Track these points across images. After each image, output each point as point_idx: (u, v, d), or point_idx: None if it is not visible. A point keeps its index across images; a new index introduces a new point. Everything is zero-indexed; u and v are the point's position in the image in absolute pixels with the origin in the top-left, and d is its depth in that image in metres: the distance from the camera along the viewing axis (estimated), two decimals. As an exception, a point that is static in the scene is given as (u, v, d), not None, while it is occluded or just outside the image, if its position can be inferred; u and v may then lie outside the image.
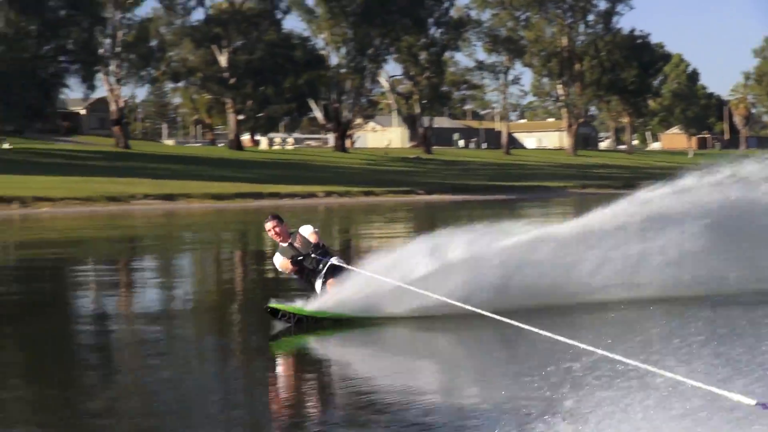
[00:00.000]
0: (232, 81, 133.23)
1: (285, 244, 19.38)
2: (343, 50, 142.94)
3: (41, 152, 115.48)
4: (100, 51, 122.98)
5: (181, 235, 53.95)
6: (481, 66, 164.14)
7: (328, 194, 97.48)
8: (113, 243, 48.98)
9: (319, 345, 18.29)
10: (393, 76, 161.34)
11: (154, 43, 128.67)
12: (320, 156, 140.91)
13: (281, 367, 16.49)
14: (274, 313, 18.93)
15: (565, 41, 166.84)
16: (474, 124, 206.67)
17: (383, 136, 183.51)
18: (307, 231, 19.52)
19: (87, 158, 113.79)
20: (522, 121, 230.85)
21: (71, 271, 33.88)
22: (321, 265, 19.20)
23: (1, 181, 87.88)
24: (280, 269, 19.54)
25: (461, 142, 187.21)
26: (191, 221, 67.19)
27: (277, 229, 19.32)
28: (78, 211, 79.38)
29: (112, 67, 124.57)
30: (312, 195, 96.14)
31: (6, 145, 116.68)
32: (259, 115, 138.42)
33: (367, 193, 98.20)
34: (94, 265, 36.29)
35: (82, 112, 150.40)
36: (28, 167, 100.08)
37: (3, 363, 16.76)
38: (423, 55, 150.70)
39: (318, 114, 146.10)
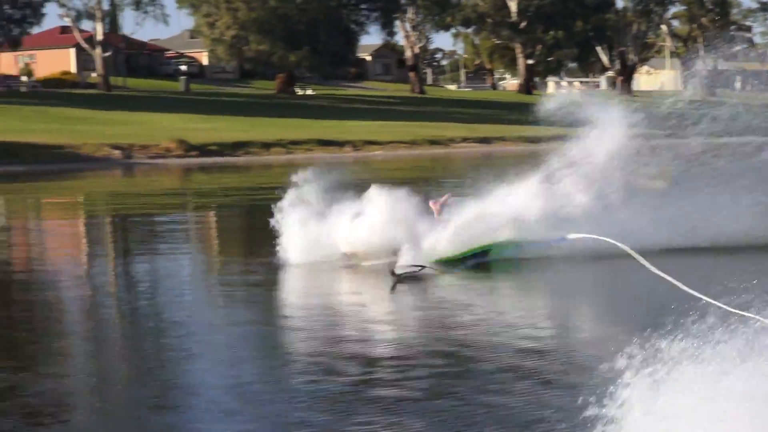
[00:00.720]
0: (522, 26, 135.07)
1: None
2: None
3: (342, 98, 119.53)
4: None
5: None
6: (764, 7, 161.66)
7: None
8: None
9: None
10: (670, 18, 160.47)
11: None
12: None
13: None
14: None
15: None
16: (750, 66, 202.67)
17: (655, 78, 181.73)
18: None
19: (389, 103, 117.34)
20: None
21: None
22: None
23: (321, 126, 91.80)
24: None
25: (738, 84, 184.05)
26: (515, 162, 68.73)
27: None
28: (406, 154, 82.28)
29: (408, 14, 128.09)
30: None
31: (309, 91, 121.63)
32: (549, 59, 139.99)
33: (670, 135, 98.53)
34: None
35: (368, 58, 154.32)
36: (335, 112, 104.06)
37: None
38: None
39: (603, 57, 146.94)
